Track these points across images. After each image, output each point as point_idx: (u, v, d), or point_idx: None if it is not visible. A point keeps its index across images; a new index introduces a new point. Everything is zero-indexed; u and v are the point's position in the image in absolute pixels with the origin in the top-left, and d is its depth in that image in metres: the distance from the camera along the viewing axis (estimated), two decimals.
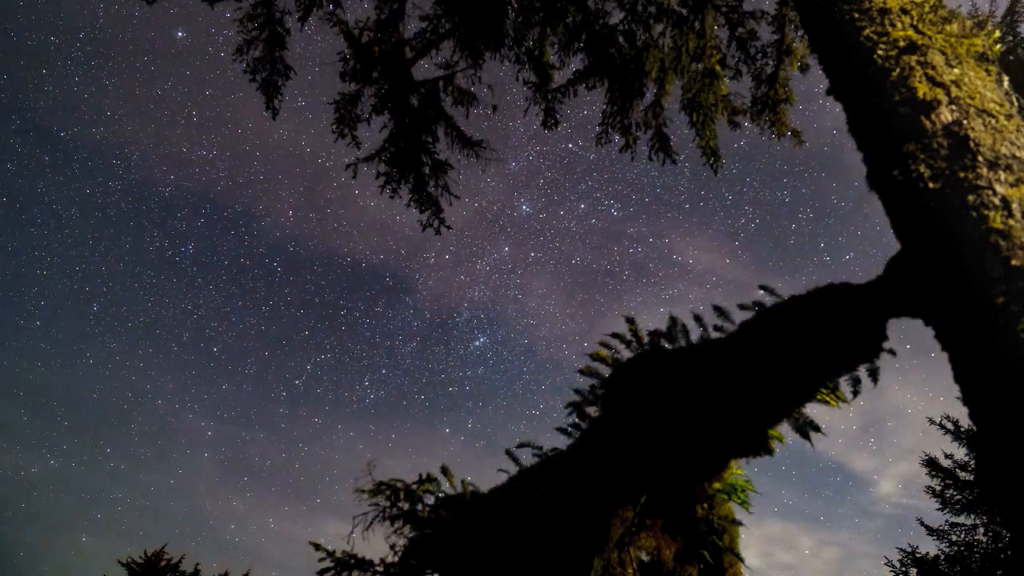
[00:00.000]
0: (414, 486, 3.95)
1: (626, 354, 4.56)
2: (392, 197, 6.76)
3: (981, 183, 1.72)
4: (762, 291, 3.65)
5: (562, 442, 4.54)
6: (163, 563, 15.10)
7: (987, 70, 2.15)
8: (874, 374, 3.39)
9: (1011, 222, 1.61)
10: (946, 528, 12.45)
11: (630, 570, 4.01)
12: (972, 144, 1.82)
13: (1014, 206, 1.64)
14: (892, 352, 3.05)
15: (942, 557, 12.13)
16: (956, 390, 1.82)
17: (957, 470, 12.67)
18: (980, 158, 1.78)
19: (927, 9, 2.31)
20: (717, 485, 4.47)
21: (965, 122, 1.89)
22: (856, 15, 2.38)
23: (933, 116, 1.95)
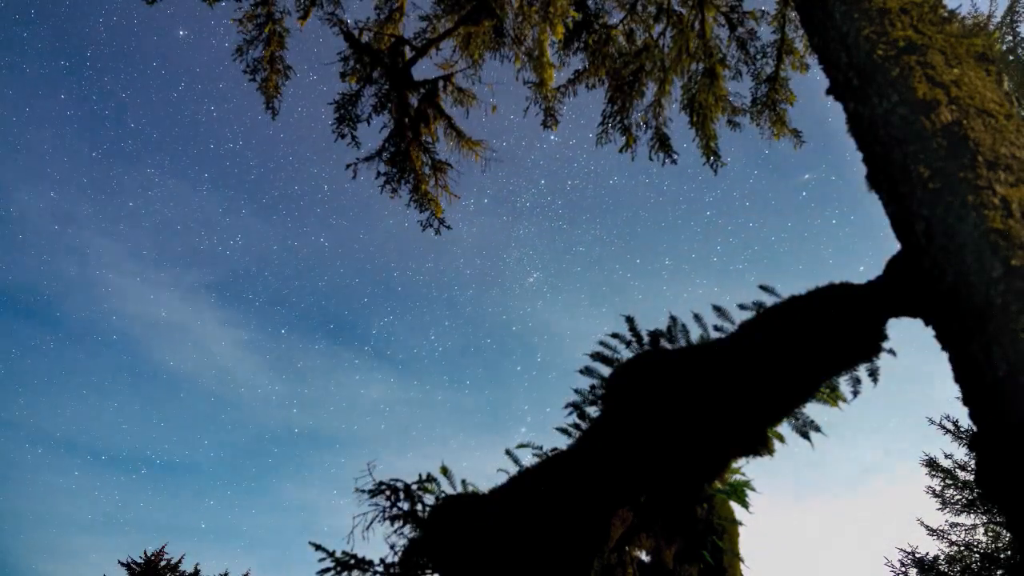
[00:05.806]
0: (414, 486, 3.95)
1: (626, 354, 4.56)
2: (392, 197, 6.76)
3: (981, 183, 1.72)
4: (762, 291, 3.65)
5: (562, 442, 4.54)
6: (163, 563, 15.11)
7: (987, 70, 2.15)
8: (874, 374, 3.39)
9: (1011, 222, 1.60)
10: (946, 528, 12.45)
11: (630, 570, 4.01)
12: (972, 144, 1.82)
13: (1014, 206, 1.63)
14: (892, 352, 3.05)
15: (942, 557, 12.14)
16: (956, 390, 1.82)
17: (957, 470, 12.67)
18: (980, 158, 1.78)
19: (927, 9, 2.31)
20: (717, 485, 4.47)
21: (965, 122, 1.89)
22: (856, 15, 2.38)
23: (933, 116, 1.95)
